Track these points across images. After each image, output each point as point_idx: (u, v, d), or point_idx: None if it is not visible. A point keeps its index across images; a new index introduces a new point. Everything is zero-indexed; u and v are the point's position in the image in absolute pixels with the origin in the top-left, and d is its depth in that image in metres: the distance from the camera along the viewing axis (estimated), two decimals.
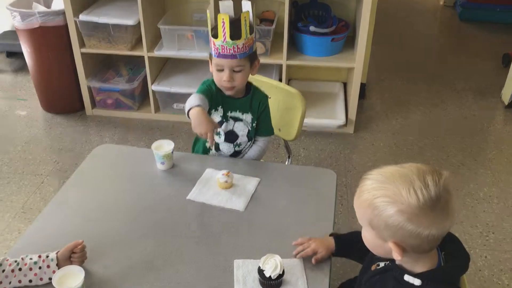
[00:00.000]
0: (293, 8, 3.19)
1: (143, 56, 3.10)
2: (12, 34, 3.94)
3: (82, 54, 3.10)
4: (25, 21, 2.94)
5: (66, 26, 3.01)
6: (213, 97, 1.76)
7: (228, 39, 1.62)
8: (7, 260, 1.25)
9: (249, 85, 1.83)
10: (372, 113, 3.42)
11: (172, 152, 1.71)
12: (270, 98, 2.10)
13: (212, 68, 1.73)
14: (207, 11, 1.75)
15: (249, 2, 1.68)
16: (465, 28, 4.92)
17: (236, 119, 1.82)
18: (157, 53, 3.06)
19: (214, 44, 1.66)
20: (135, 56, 3.37)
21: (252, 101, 1.81)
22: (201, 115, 1.57)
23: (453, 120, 3.36)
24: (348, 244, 1.37)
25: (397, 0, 5.51)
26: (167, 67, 3.38)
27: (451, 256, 1.10)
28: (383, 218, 0.99)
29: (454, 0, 5.37)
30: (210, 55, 1.73)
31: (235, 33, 1.63)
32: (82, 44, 3.09)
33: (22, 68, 3.92)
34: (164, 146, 1.71)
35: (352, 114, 3.12)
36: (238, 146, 1.86)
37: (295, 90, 2.06)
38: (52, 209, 1.56)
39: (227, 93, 1.77)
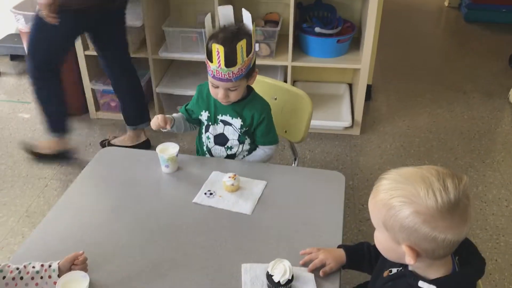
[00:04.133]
0: (297, 9, 3.17)
1: (147, 59, 3.09)
2: (16, 37, 3.94)
3: (86, 56, 3.09)
4: (29, 24, 2.93)
5: None
6: (204, 100, 1.80)
7: (222, 66, 1.60)
8: (9, 266, 1.22)
9: (249, 90, 1.80)
10: (378, 114, 3.39)
11: (177, 155, 1.68)
12: (275, 99, 2.09)
13: (208, 80, 1.71)
14: (205, 20, 1.69)
15: (249, 14, 1.66)
16: (470, 29, 4.88)
17: (225, 123, 1.81)
18: (161, 55, 3.04)
19: (209, 65, 1.63)
20: (138, 59, 3.36)
21: (245, 108, 1.78)
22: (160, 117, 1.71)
23: (461, 121, 3.32)
24: (359, 256, 1.34)
25: (401, 2, 5.48)
26: (172, 69, 3.36)
27: (466, 261, 1.07)
28: (399, 219, 0.96)
29: (458, 1, 5.34)
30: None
31: (230, 61, 1.60)
32: (86, 47, 3.07)
33: (25, 71, 3.89)
34: (169, 149, 1.68)
35: (358, 116, 3.08)
36: (230, 150, 1.84)
37: (302, 91, 2.03)
38: (56, 213, 1.54)
39: (223, 103, 1.75)
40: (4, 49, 3.97)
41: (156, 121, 1.72)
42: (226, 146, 1.84)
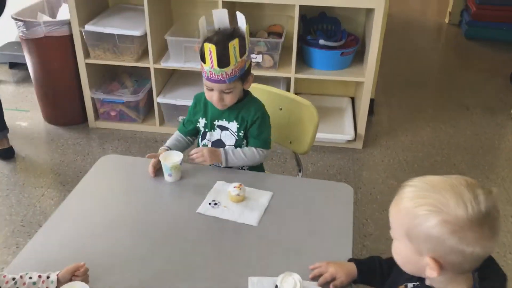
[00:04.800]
0: (301, 22, 3.15)
1: (149, 68, 3.06)
2: (15, 45, 3.91)
3: (87, 65, 3.05)
4: (30, 30, 2.89)
5: (71, 36, 2.96)
6: (200, 107, 1.79)
7: (215, 67, 1.58)
8: (5, 276, 1.16)
9: (246, 93, 1.78)
10: (381, 128, 3.36)
11: (181, 164, 1.64)
12: (281, 109, 2.06)
13: (203, 83, 1.69)
14: (199, 23, 1.66)
15: (243, 16, 1.64)
16: (471, 46, 4.89)
17: (222, 128, 1.78)
18: (163, 64, 3.00)
19: (202, 66, 1.62)
20: (140, 68, 3.33)
21: (242, 110, 1.75)
22: (153, 160, 1.66)
23: (464, 137, 3.29)
24: (371, 270, 1.28)
25: (402, 18, 5.49)
26: (173, 79, 3.32)
27: (485, 276, 1.02)
28: (424, 229, 0.91)
29: (459, 18, 5.35)
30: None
31: (222, 61, 1.58)
32: (87, 55, 3.04)
33: (24, 79, 3.86)
34: (172, 157, 1.64)
35: (361, 129, 3.05)
36: None
37: (308, 101, 1.99)
38: (54, 223, 1.48)
39: (218, 108, 1.73)
40: (3, 57, 3.93)
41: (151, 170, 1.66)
42: None
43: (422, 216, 0.91)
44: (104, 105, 3.20)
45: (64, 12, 3.10)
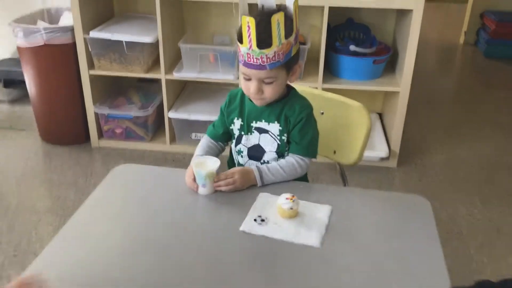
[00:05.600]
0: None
1: (157, 82, 2.77)
2: (10, 61, 3.60)
3: (91, 76, 2.75)
4: (29, 38, 2.61)
5: (74, 45, 2.68)
6: (236, 106, 1.48)
7: (254, 47, 1.28)
8: None
9: (289, 89, 1.47)
10: (413, 146, 3.05)
11: (218, 172, 1.32)
12: (322, 113, 1.76)
13: (239, 75, 1.39)
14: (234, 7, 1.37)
15: None
16: (492, 64, 4.66)
17: (261, 131, 1.46)
18: (176, 75, 2.71)
19: (239, 49, 1.32)
20: (147, 82, 3.05)
21: (285, 108, 1.43)
22: (189, 169, 1.38)
23: (504, 154, 2.99)
24: None
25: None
26: (186, 92, 3.03)
27: None
28: None
29: (475, 38, 5.16)
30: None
31: (263, 40, 1.27)
32: (91, 65, 2.74)
33: (20, 98, 3.55)
34: (207, 164, 1.32)
35: (396, 146, 2.75)
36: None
37: (357, 102, 1.69)
38: (54, 250, 1.14)
39: (255, 103, 1.42)
40: None
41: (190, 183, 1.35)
42: (262, 161, 1.48)
43: None
44: (109, 122, 2.89)
45: (66, 20, 2.83)
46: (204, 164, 1.32)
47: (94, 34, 2.61)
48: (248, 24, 1.25)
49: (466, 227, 2.32)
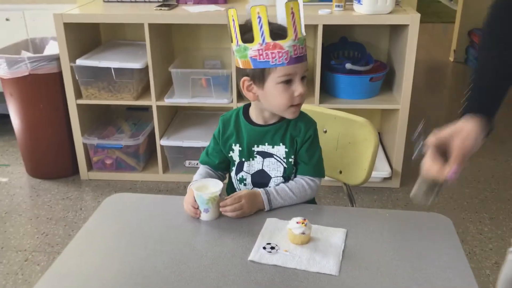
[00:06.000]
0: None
1: (147, 110, 2.67)
2: None
3: (78, 106, 2.64)
4: (13, 68, 2.51)
5: (60, 74, 2.57)
6: (232, 131, 1.35)
7: (300, 34, 1.19)
8: None
9: None
10: (414, 165, 2.95)
11: (221, 196, 1.20)
12: (325, 132, 1.66)
13: (269, 89, 1.24)
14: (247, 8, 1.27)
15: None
16: None
17: (265, 155, 1.34)
18: (168, 101, 2.61)
19: (279, 48, 1.18)
20: (137, 110, 2.95)
21: (289, 127, 1.32)
22: (188, 195, 1.25)
23: (507, 169, 2.91)
24: None
25: None
26: (177, 119, 2.93)
27: None
28: None
29: (464, 56, 5.16)
30: (255, 74, 1.24)
31: (300, 27, 1.20)
32: (78, 95, 2.64)
33: (4, 133, 3.41)
34: (208, 187, 1.21)
35: (398, 165, 2.66)
36: None
37: (362, 118, 1.61)
38: None
39: (292, 116, 1.30)
40: None
41: (192, 210, 1.23)
42: (268, 187, 1.36)
43: None
44: (98, 152, 2.77)
45: (52, 49, 2.74)
46: (206, 187, 1.21)
47: (81, 62, 2.52)
48: (292, 10, 1.16)
49: (478, 246, 2.21)
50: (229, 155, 1.39)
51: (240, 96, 2.64)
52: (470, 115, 1.08)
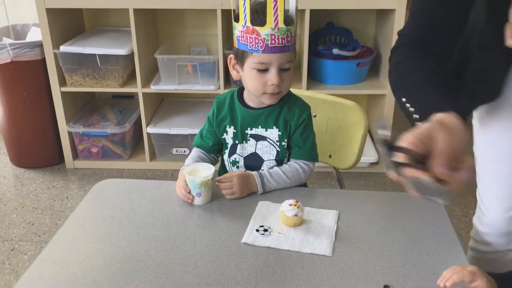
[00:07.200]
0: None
1: (133, 97, 2.64)
2: None
3: (63, 93, 2.60)
4: None
5: (43, 61, 2.53)
6: (226, 112, 1.35)
7: (281, 24, 1.18)
8: None
9: None
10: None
11: (213, 179, 1.20)
12: (315, 116, 1.66)
13: (246, 72, 1.25)
14: None
15: None
16: None
17: (258, 138, 1.34)
18: (154, 88, 2.58)
19: (257, 34, 1.18)
20: (123, 98, 2.92)
21: (283, 111, 1.33)
22: (180, 179, 1.24)
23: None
24: None
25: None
26: (164, 106, 2.90)
27: None
28: None
29: None
30: (238, 54, 1.26)
31: (287, 16, 1.20)
32: (62, 82, 2.60)
33: None
34: (200, 171, 1.20)
35: None
36: None
37: (352, 102, 1.61)
38: (33, 278, 1.01)
39: (268, 102, 1.30)
40: None
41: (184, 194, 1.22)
42: (261, 170, 1.36)
43: None
44: (83, 141, 2.73)
45: (34, 36, 2.68)
46: (198, 171, 1.20)
47: (65, 48, 2.47)
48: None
49: (464, 229, 2.24)
50: (223, 137, 1.38)
51: (228, 83, 2.63)
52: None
